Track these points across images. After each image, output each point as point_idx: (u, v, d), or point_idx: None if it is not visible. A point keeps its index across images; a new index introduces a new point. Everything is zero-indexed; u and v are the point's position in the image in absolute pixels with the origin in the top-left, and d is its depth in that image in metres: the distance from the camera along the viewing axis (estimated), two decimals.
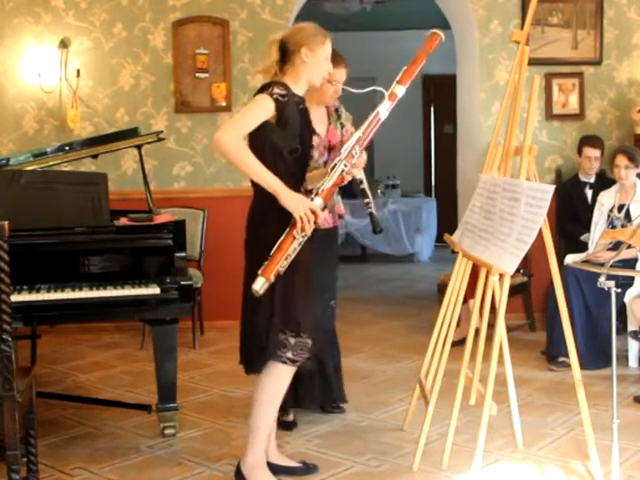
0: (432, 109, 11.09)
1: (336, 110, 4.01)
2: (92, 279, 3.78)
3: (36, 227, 3.76)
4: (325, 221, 3.88)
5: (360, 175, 3.67)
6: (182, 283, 3.81)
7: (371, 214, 3.69)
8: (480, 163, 5.48)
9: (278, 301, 3.18)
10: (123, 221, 4.02)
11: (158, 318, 3.84)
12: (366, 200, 3.75)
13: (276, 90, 3.15)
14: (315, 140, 3.77)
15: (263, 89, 3.20)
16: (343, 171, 3.23)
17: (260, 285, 3.06)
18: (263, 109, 3.13)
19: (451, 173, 7.71)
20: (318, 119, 3.88)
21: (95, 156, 4.54)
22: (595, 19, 6.18)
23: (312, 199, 3.17)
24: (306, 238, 3.13)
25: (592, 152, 5.73)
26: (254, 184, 3.22)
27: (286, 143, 3.18)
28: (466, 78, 6.60)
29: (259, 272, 3.07)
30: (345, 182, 3.31)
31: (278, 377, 3.26)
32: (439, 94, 10.73)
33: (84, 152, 4.41)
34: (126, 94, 6.12)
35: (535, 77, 3.29)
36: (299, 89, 3.26)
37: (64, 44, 5.98)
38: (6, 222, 2.90)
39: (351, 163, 3.23)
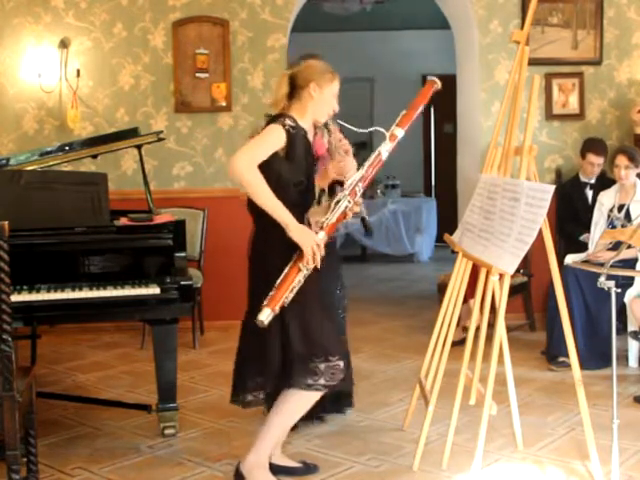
0: (432, 109, 11.09)
1: (326, 125, 3.82)
2: (92, 279, 3.78)
3: (36, 227, 3.76)
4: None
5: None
6: (182, 283, 3.81)
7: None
8: (480, 163, 5.49)
9: (296, 331, 3.18)
10: (123, 221, 4.02)
11: (158, 318, 3.84)
12: None
13: (288, 122, 3.22)
14: None
15: (275, 119, 3.25)
16: (347, 207, 3.26)
17: (266, 316, 3.07)
18: (276, 139, 3.19)
19: (451, 173, 7.71)
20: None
21: (95, 156, 4.55)
22: (595, 19, 6.18)
23: (316, 232, 3.20)
24: (309, 271, 3.15)
25: (595, 159, 5.73)
26: (254, 212, 3.24)
27: (292, 176, 3.23)
28: (466, 78, 6.60)
29: (265, 303, 3.08)
30: (348, 218, 3.33)
31: (304, 402, 3.26)
32: (439, 94, 10.72)
33: (84, 152, 4.41)
34: (126, 94, 6.12)
35: (535, 77, 3.29)
36: (304, 123, 3.31)
37: (64, 44, 5.98)
38: (6, 222, 2.90)
39: (354, 200, 3.27)
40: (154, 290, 3.75)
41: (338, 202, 3.26)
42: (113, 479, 3.50)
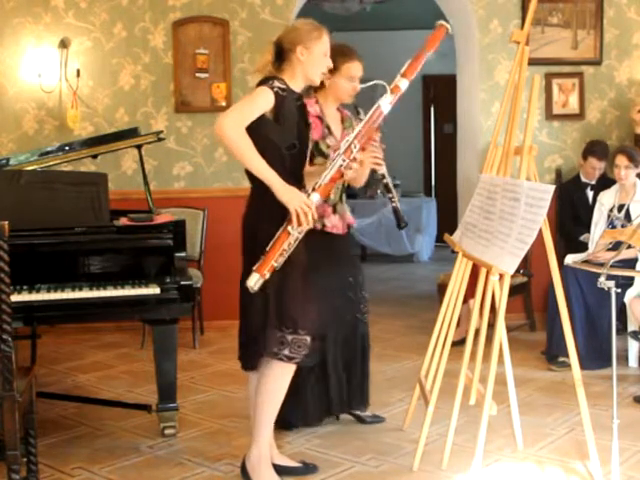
0: (432, 109, 11.09)
1: (357, 112, 3.86)
2: (92, 279, 3.78)
3: (36, 227, 3.76)
4: (334, 227, 3.90)
5: (382, 170, 3.70)
6: (182, 283, 3.81)
7: (395, 209, 3.69)
8: (480, 163, 5.48)
9: (272, 299, 3.18)
10: (123, 221, 4.02)
11: (158, 318, 3.84)
12: (389, 195, 3.75)
13: (276, 84, 3.16)
14: (331, 141, 3.79)
15: (263, 82, 3.20)
16: (341, 166, 3.20)
17: (254, 281, 3.05)
18: (264, 100, 3.13)
19: (451, 173, 7.71)
20: (334, 120, 3.89)
21: (95, 156, 4.55)
22: (595, 19, 6.18)
23: (309, 194, 3.15)
24: (302, 234, 3.11)
25: (597, 164, 5.74)
26: (252, 180, 3.22)
27: (283, 139, 3.18)
28: (466, 78, 6.59)
29: (254, 268, 3.07)
30: (345, 177, 3.29)
31: (279, 376, 3.27)
32: (439, 94, 10.73)
33: (84, 152, 4.41)
34: (126, 94, 6.12)
35: (535, 77, 3.29)
36: (297, 86, 3.26)
37: (64, 44, 5.97)
38: (6, 222, 2.89)
39: (350, 158, 3.21)
40: (154, 290, 3.75)
41: (333, 161, 3.20)
42: (113, 479, 3.51)
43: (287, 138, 3.19)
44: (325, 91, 3.77)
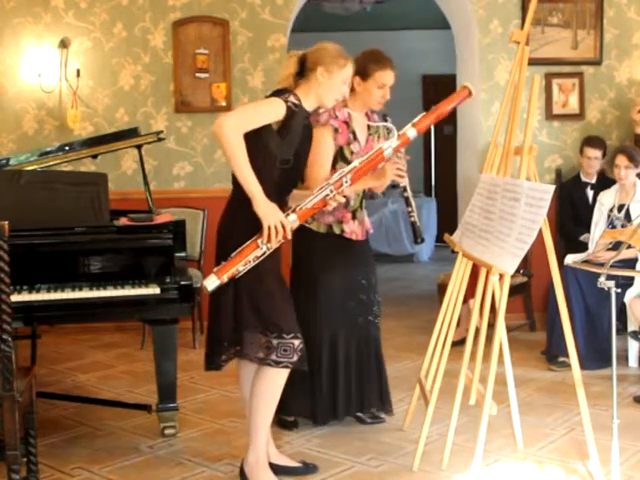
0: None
1: (385, 120, 3.92)
2: (92, 279, 3.78)
3: (36, 227, 3.76)
4: (353, 233, 3.91)
5: (405, 183, 3.74)
6: (182, 283, 3.81)
7: (413, 223, 3.71)
8: (480, 163, 5.48)
9: (247, 304, 3.18)
10: (123, 221, 4.02)
11: (158, 318, 3.84)
12: (409, 209, 3.78)
13: (291, 98, 3.18)
14: (355, 147, 3.80)
15: (278, 93, 3.21)
16: (327, 196, 3.20)
17: (211, 282, 3.06)
18: (274, 111, 3.14)
19: (451, 173, 7.71)
20: (360, 125, 3.89)
21: (95, 156, 4.55)
22: (595, 19, 6.18)
23: (287, 214, 3.16)
24: (270, 251, 3.11)
25: (592, 152, 5.74)
26: (235, 185, 3.23)
27: (280, 152, 3.18)
28: (466, 78, 6.58)
29: (214, 270, 3.09)
30: (329, 207, 3.28)
31: (271, 381, 3.26)
32: (439, 94, 10.72)
33: (84, 152, 4.41)
34: (126, 94, 6.12)
35: (535, 77, 3.29)
36: (308, 105, 3.27)
37: (64, 44, 5.98)
38: (6, 222, 2.90)
39: (338, 190, 3.21)
40: (154, 290, 3.75)
41: (321, 189, 3.21)
42: (113, 479, 3.51)
43: (284, 152, 3.18)
44: (355, 96, 3.77)
